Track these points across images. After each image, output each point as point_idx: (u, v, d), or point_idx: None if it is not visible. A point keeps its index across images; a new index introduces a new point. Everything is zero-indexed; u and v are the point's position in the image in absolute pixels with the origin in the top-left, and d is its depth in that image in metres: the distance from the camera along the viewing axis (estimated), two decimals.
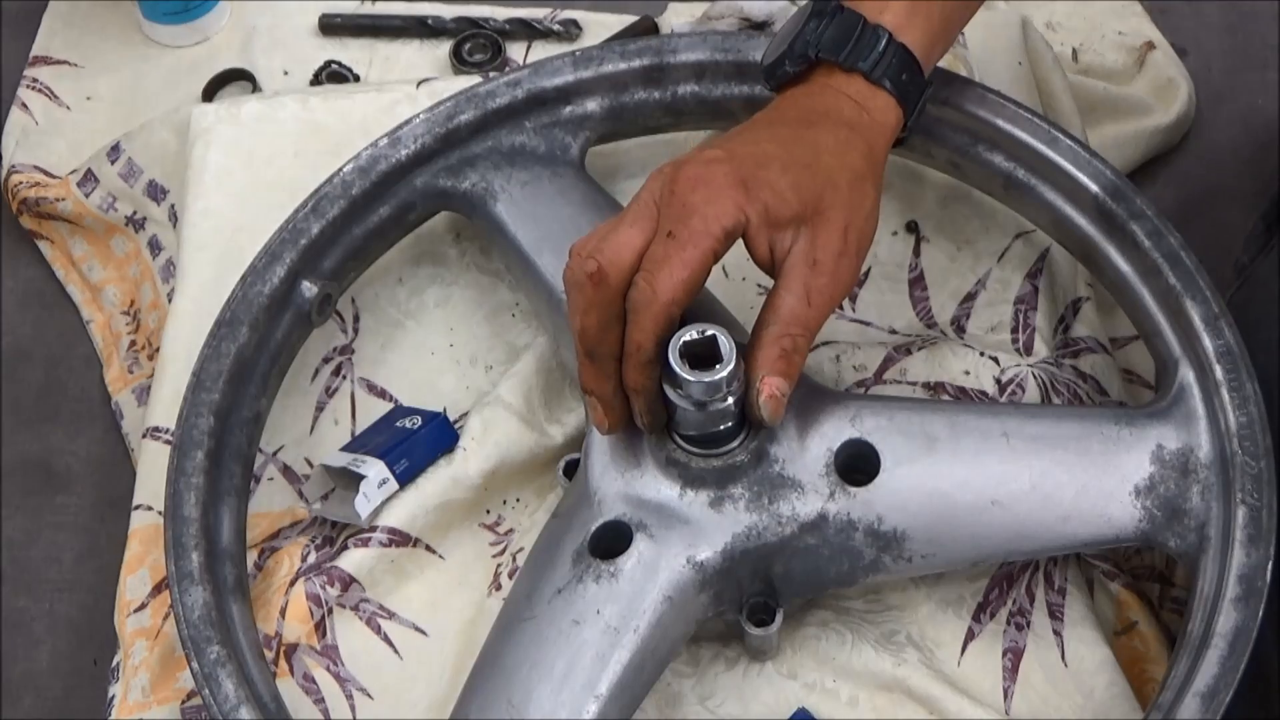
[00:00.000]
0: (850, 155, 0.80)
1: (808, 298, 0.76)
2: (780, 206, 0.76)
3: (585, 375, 0.79)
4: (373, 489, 0.88)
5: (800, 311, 0.76)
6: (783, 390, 0.77)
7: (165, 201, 1.07)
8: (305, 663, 0.87)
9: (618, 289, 0.76)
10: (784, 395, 0.77)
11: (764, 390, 0.76)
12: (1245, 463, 0.81)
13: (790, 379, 0.77)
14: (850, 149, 0.80)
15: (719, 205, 0.76)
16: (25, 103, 1.18)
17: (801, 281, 0.76)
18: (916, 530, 0.81)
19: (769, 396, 0.76)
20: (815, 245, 0.77)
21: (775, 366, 0.76)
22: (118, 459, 1.03)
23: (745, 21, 1.14)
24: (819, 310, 0.77)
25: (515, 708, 0.77)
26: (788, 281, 0.77)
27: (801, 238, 0.77)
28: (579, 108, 0.97)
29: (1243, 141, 1.16)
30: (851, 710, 0.85)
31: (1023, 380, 0.93)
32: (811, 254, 0.77)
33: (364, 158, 0.94)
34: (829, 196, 0.78)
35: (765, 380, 0.76)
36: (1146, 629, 0.87)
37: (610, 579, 0.79)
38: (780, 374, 0.77)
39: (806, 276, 0.76)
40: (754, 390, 0.77)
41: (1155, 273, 0.87)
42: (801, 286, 0.76)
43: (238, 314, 0.90)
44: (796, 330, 0.76)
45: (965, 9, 0.88)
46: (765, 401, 0.77)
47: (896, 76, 0.82)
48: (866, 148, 0.81)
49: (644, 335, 0.76)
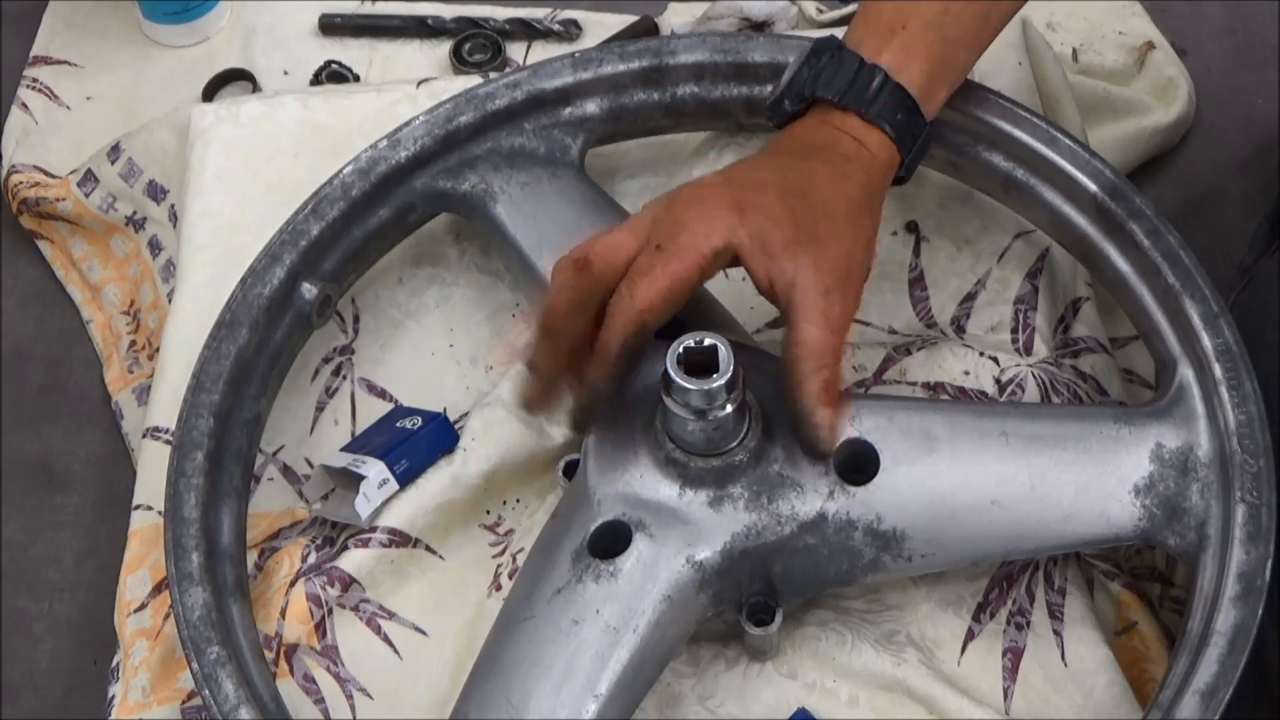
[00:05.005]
0: (847, 185, 0.81)
1: (829, 326, 0.77)
2: (774, 232, 0.77)
3: (537, 351, 0.81)
4: (373, 489, 0.88)
5: (827, 340, 0.77)
6: (837, 417, 0.79)
7: (165, 201, 1.07)
8: (305, 663, 0.87)
9: (598, 279, 0.78)
10: (839, 422, 0.79)
11: (822, 424, 0.78)
12: (1244, 461, 0.81)
13: (837, 406, 0.79)
14: (847, 179, 0.81)
15: (710, 224, 0.77)
16: (25, 103, 1.18)
17: (819, 311, 0.77)
18: (916, 530, 0.81)
19: (829, 428, 0.79)
20: (821, 273, 0.77)
21: (823, 399, 0.78)
22: (118, 459, 1.03)
23: (745, 22, 1.14)
24: (840, 336, 0.78)
25: (515, 707, 0.77)
26: (806, 313, 0.77)
27: (804, 267, 0.77)
28: (578, 109, 0.97)
29: (1242, 142, 1.16)
30: (851, 710, 0.85)
31: (1022, 380, 0.93)
32: (820, 282, 0.77)
33: (364, 159, 0.94)
34: (825, 225, 0.79)
35: (819, 414, 0.78)
36: (1146, 629, 0.87)
37: (610, 579, 0.79)
38: (829, 405, 0.78)
39: (822, 305, 0.77)
40: (810, 427, 0.78)
41: (1154, 272, 0.87)
42: (820, 316, 0.77)
43: (238, 315, 0.90)
44: (829, 360, 0.78)
45: (969, 50, 0.88)
46: (827, 434, 0.79)
47: (892, 116, 0.83)
48: (864, 179, 0.82)
49: (612, 338, 0.78)
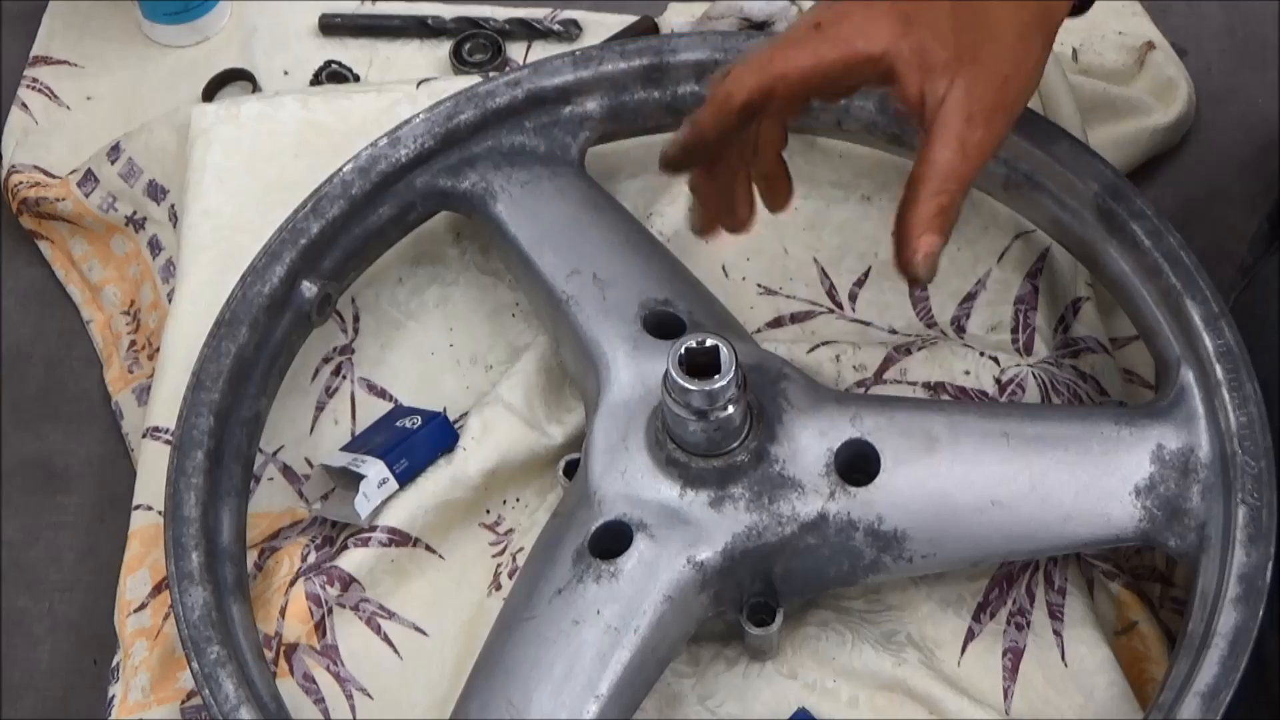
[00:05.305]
0: (1022, 10, 0.77)
1: (964, 151, 0.75)
2: (936, 47, 0.75)
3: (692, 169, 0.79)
4: (373, 489, 0.88)
5: (957, 166, 0.75)
6: (939, 248, 0.75)
7: (165, 201, 1.07)
8: (305, 663, 0.87)
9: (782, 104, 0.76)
10: (938, 252, 0.75)
11: (921, 249, 0.75)
12: (1245, 462, 0.81)
13: (946, 236, 0.76)
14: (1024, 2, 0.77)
15: (875, 25, 0.75)
16: (25, 103, 1.18)
17: (957, 135, 0.75)
18: (917, 530, 0.81)
19: (926, 254, 0.75)
20: (971, 97, 0.75)
21: (933, 224, 0.75)
22: (118, 459, 1.03)
23: (745, 21, 1.14)
24: (974, 165, 0.76)
25: (515, 708, 0.77)
26: (944, 135, 0.75)
27: (956, 88, 0.75)
28: (579, 107, 0.97)
29: (1243, 142, 1.16)
30: (851, 710, 0.85)
31: (1023, 380, 0.93)
32: (967, 106, 0.75)
33: (364, 158, 0.94)
34: (990, 47, 0.76)
35: (923, 239, 0.75)
36: (1146, 629, 0.87)
37: (610, 579, 0.79)
38: (938, 231, 0.75)
39: (962, 130, 0.75)
40: (910, 249, 0.75)
41: (1155, 272, 0.87)
42: (957, 140, 0.75)
43: (237, 314, 0.90)
44: (954, 186, 0.75)
45: None
46: (922, 260, 0.75)
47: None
48: (1041, 4, 0.78)
49: (738, 88, 0.75)
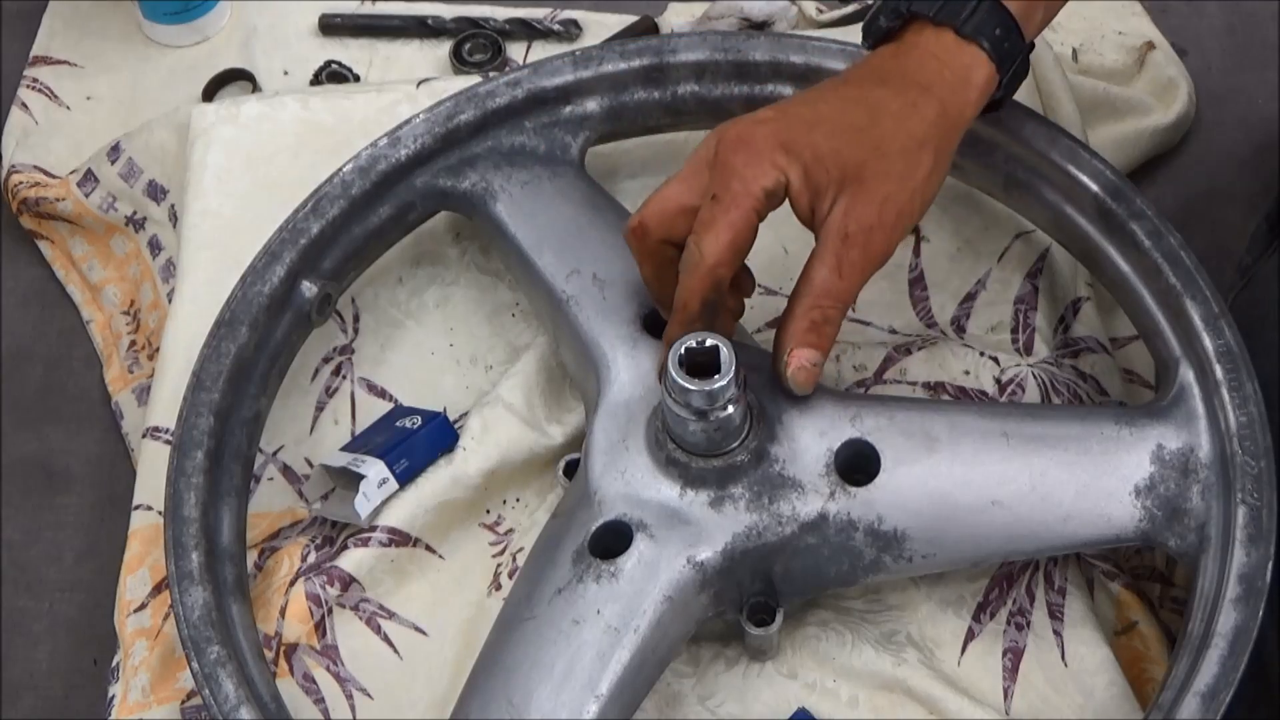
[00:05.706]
0: (912, 121, 0.79)
1: (839, 269, 0.77)
2: (819, 170, 0.76)
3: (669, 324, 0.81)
4: (372, 489, 0.88)
5: (832, 284, 0.77)
6: (813, 361, 0.78)
7: (165, 201, 1.07)
8: (305, 662, 0.87)
9: (658, 240, 0.79)
10: (814, 366, 0.78)
11: (792, 362, 0.78)
12: (1245, 462, 0.81)
13: (821, 350, 0.78)
14: (915, 114, 0.79)
15: (758, 167, 0.76)
16: (25, 103, 1.18)
17: (834, 253, 0.77)
18: (917, 530, 0.81)
19: (798, 368, 0.78)
20: (849, 216, 0.77)
21: (805, 339, 0.78)
22: (118, 459, 1.03)
23: (745, 21, 1.14)
24: (850, 283, 0.77)
25: (515, 708, 0.77)
26: (821, 252, 0.77)
27: (838, 206, 0.77)
28: (579, 108, 0.97)
29: (1243, 142, 1.16)
30: (851, 710, 0.85)
31: (1023, 380, 0.93)
32: (844, 226, 0.77)
33: (364, 157, 0.94)
34: (873, 164, 0.77)
35: (794, 353, 0.78)
36: (1146, 629, 0.87)
37: (610, 579, 0.79)
38: (810, 345, 0.78)
39: (839, 249, 0.77)
40: (782, 362, 0.78)
41: (1155, 272, 0.87)
42: (834, 258, 0.77)
43: (237, 314, 0.90)
44: (827, 302, 0.77)
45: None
46: (794, 373, 0.78)
47: (990, 32, 0.80)
48: (938, 111, 0.79)
49: (689, 295, 0.78)
